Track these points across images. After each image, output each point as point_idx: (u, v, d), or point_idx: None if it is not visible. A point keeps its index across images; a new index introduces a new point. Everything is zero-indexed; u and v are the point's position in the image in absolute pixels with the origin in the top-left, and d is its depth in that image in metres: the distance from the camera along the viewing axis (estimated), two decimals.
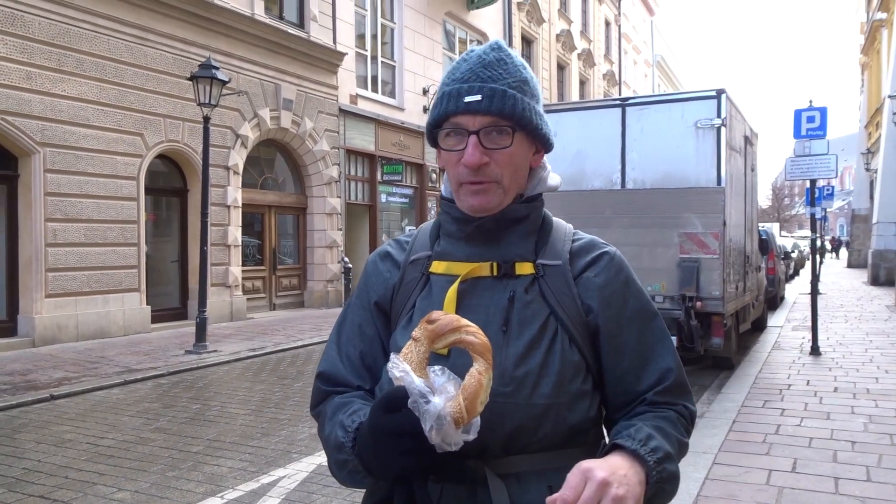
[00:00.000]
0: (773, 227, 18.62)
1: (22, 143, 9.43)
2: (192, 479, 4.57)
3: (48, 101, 9.69)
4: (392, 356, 1.00)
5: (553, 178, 1.27)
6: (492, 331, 1.12)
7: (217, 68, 9.68)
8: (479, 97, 1.13)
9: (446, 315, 1.02)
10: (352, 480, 1.13)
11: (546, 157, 1.27)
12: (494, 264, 1.18)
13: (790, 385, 6.94)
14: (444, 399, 0.95)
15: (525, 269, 1.19)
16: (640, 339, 1.19)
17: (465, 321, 1.01)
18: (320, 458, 4.92)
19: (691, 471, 4.38)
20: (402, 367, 0.98)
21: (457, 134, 1.15)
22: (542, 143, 1.22)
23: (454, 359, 1.07)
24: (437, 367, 0.99)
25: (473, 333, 1.00)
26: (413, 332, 1.03)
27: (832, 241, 50.47)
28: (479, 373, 0.97)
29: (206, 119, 9.69)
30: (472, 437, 0.99)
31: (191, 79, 9.72)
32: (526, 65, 1.21)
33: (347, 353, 1.25)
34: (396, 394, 0.99)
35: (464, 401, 0.96)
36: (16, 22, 9.30)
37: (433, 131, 1.20)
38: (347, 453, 1.09)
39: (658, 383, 1.18)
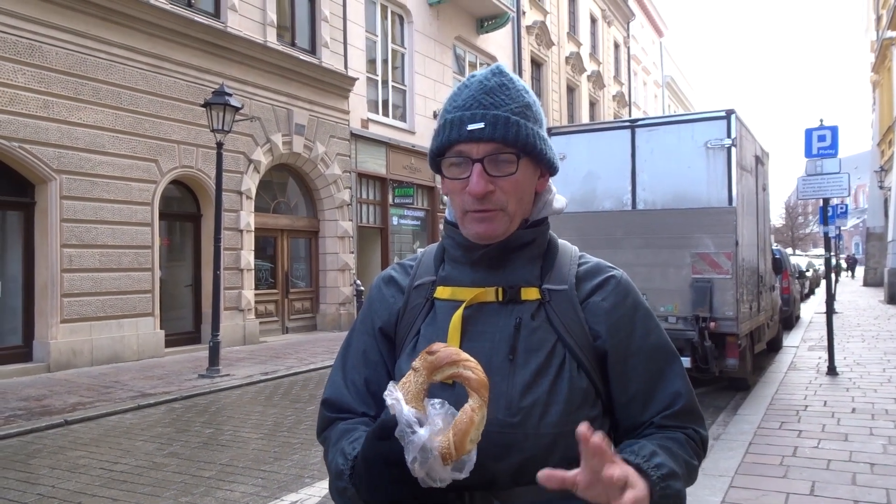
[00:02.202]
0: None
1: (39, 171, 9.58)
2: None
3: (65, 129, 9.85)
4: (390, 384, 1.00)
5: (558, 201, 1.26)
6: (498, 359, 1.12)
7: (230, 95, 9.82)
8: (481, 125, 1.11)
9: (447, 348, 1.01)
10: None
11: (552, 180, 1.26)
12: (500, 289, 1.17)
13: (807, 406, 6.86)
14: (429, 431, 0.94)
15: (531, 294, 1.18)
16: (649, 363, 1.18)
17: (464, 355, 1.00)
18: None
19: (707, 494, 4.33)
20: (394, 395, 0.97)
21: (461, 162, 1.14)
22: (547, 167, 1.20)
23: (459, 389, 1.06)
24: (436, 401, 0.98)
25: (472, 368, 0.98)
26: (413, 363, 1.02)
27: (847, 259, 50.03)
28: (472, 409, 0.95)
29: (220, 145, 9.80)
30: (463, 475, 0.96)
31: (204, 105, 9.86)
32: (528, 89, 1.20)
33: (352, 379, 1.24)
34: (389, 422, 0.98)
35: (453, 437, 0.94)
36: (34, 52, 9.49)
37: (436, 159, 1.19)
38: (346, 481, 1.08)
39: (667, 407, 1.16)
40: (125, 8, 10.57)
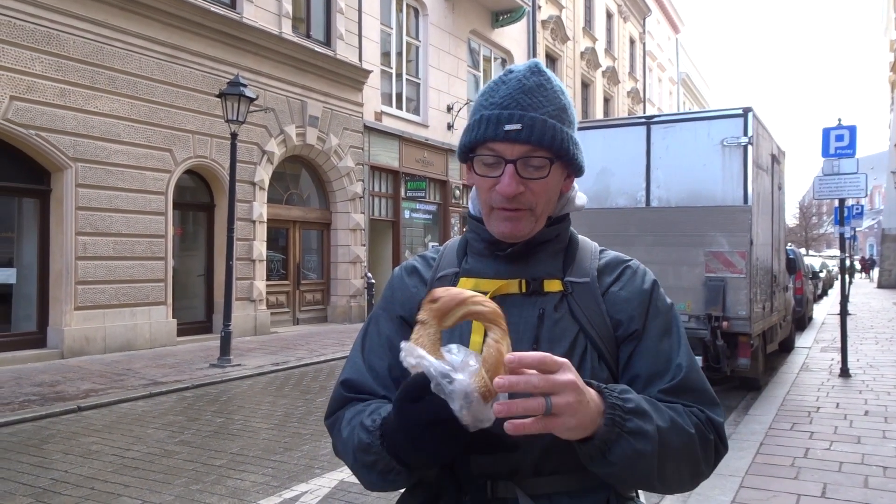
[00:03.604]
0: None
1: (55, 159, 9.65)
2: (215, 492, 4.60)
3: (81, 118, 9.91)
4: (403, 345, 0.97)
5: (580, 198, 1.28)
6: (522, 349, 1.12)
7: (245, 86, 9.84)
8: (518, 126, 1.11)
9: (448, 290, 1.00)
10: (383, 481, 1.10)
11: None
12: (523, 282, 1.18)
13: (819, 407, 6.82)
14: (468, 375, 0.92)
15: (553, 286, 1.19)
16: (659, 344, 1.18)
17: (468, 292, 0.99)
18: (342, 474, 4.92)
19: (717, 494, 4.31)
20: (416, 353, 0.95)
21: (493, 161, 1.15)
22: (575, 170, 1.22)
23: (460, 329, 1.06)
24: (452, 346, 0.96)
25: (481, 303, 0.97)
26: (418, 315, 1.00)
27: (861, 260, 49.61)
28: (497, 341, 0.94)
29: (234, 135, 9.83)
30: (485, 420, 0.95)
31: (219, 96, 9.89)
32: (564, 89, 1.20)
33: (371, 363, 1.23)
34: (416, 381, 0.96)
35: (486, 373, 0.92)
36: (51, 41, 9.54)
37: (468, 155, 1.19)
38: (376, 452, 1.06)
39: (668, 382, 1.14)
40: None
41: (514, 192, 1.12)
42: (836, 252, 12.69)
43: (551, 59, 24.58)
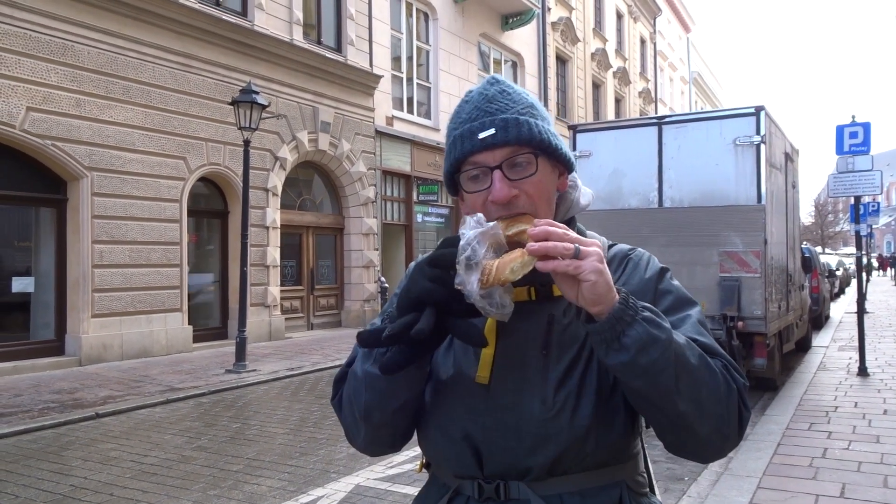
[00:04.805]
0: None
1: (71, 168, 9.76)
2: (232, 497, 4.63)
3: (96, 127, 10.02)
4: (479, 215, 1.04)
5: (585, 196, 1.25)
6: (531, 354, 1.14)
7: (257, 93, 9.91)
8: (492, 130, 1.10)
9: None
10: (373, 380, 1.11)
11: (576, 174, 1.25)
12: (532, 288, 1.17)
13: (837, 407, 6.76)
14: (484, 248, 0.98)
15: None
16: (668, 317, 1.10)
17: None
18: (358, 478, 4.94)
19: (735, 495, 4.29)
20: (479, 218, 1.02)
21: (479, 174, 1.13)
22: (564, 165, 1.19)
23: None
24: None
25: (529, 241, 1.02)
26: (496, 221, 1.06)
27: (879, 258, 49.11)
28: (523, 252, 0.98)
29: (247, 142, 9.90)
30: (487, 307, 0.99)
31: (232, 103, 9.96)
32: (528, 92, 1.20)
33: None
34: (448, 253, 1.02)
35: (498, 262, 0.98)
36: (66, 52, 9.66)
37: (453, 177, 1.18)
38: (376, 355, 1.09)
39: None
40: (155, 7, 10.72)
41: (507, 196, 1.10)
42: (853, 250, 12.58)
43: (561, 61, 24.54)
